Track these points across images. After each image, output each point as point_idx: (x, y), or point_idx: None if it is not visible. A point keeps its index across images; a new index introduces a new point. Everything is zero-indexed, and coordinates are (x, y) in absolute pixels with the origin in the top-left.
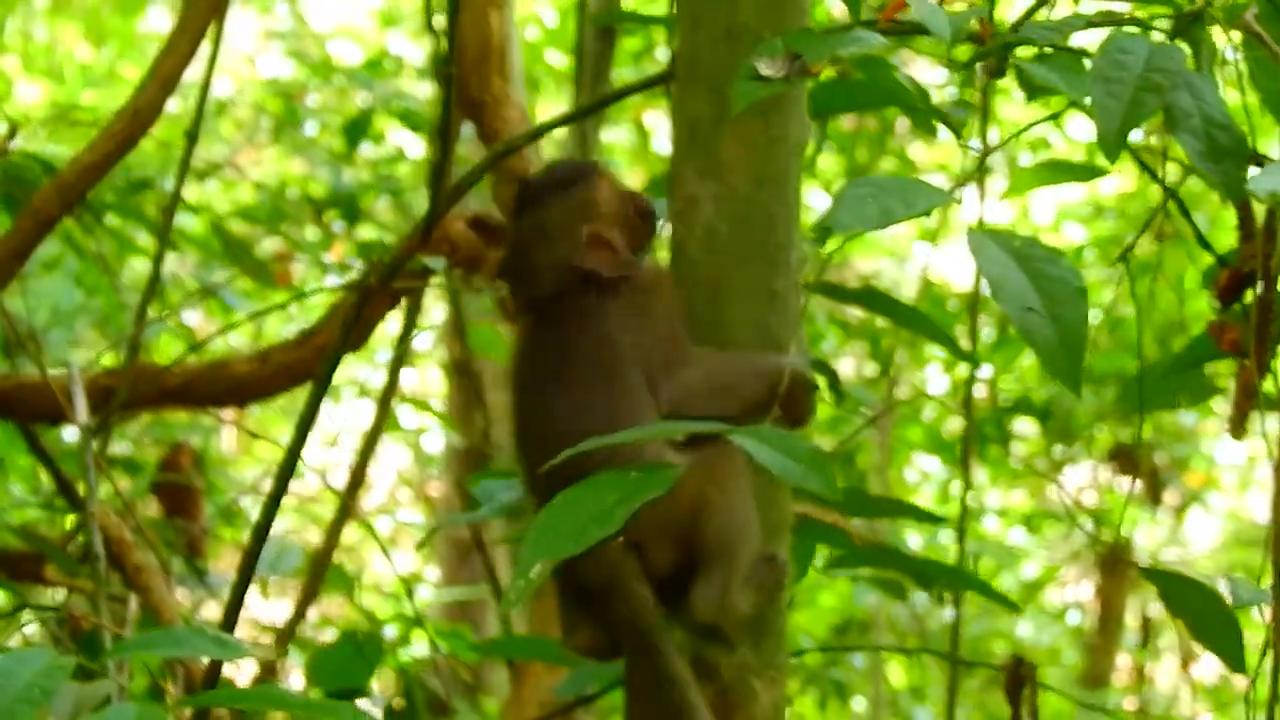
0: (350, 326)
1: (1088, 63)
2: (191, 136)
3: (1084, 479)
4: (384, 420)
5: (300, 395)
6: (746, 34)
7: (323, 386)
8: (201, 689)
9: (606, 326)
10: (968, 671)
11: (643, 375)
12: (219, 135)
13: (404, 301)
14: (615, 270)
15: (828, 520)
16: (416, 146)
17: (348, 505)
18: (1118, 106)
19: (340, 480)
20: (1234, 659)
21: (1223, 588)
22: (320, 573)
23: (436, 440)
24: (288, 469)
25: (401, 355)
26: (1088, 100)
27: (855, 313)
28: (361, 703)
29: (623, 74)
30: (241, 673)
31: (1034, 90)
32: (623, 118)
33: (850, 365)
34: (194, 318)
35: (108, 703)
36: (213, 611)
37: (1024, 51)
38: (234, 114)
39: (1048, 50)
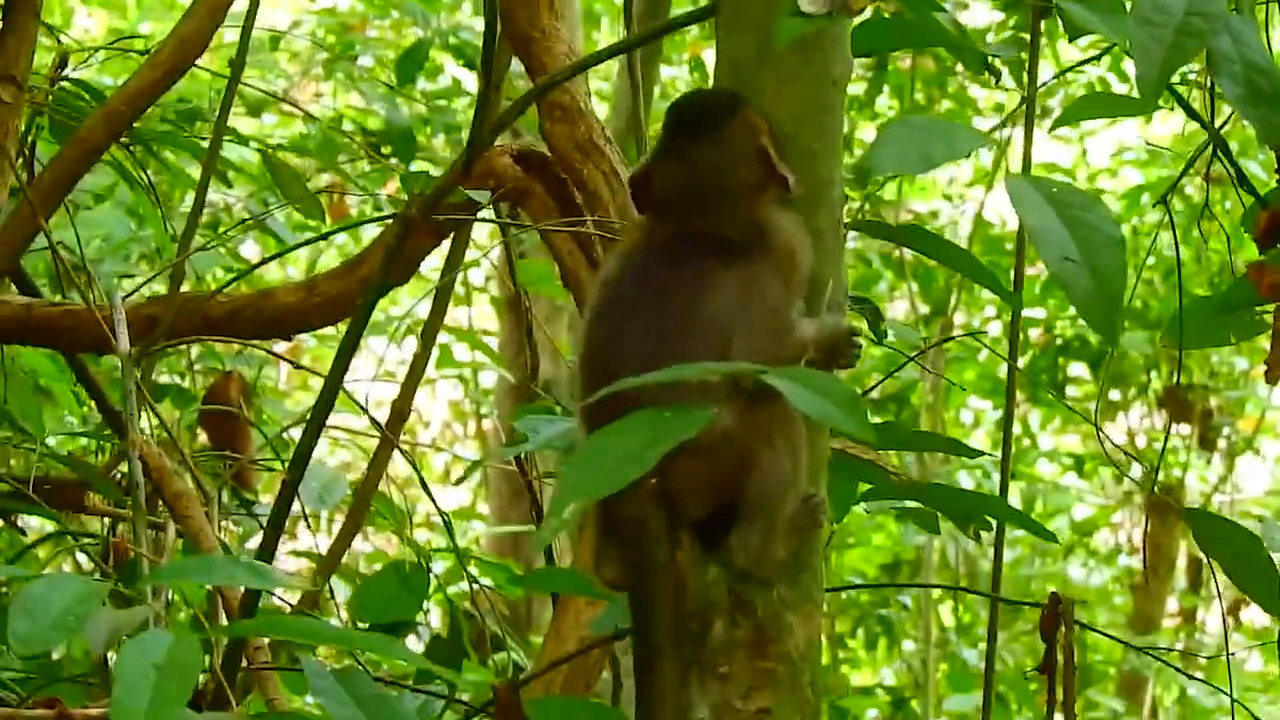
0: (391, 258)
1: (1130, 4)
2: (236, 65)
3: (1137, 423)
4: (429, 351)
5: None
6: None
7: (364, 317)
8: (238, 620)
9: (733, 278)
10: (1017, 613)
11: (730, 338)
12: (277, 69)
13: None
14: (792, 190)
15: (865, 457)
16: (472, 81)
17: (389, 436)
18: (1158, 50)
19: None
20: (1269, 602)
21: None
22: (364, 504)
23: (491, 376)
24: (326, 399)
25: (447, 288)
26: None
27: (911, 254)
28: (410, 638)
29: (683, 9)
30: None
31: (1076, 31)
32: (681, 55)
33: (904, 306)
34: (249, 251)
35: (144, 630)
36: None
37: None
38: (291, 46)
39: None
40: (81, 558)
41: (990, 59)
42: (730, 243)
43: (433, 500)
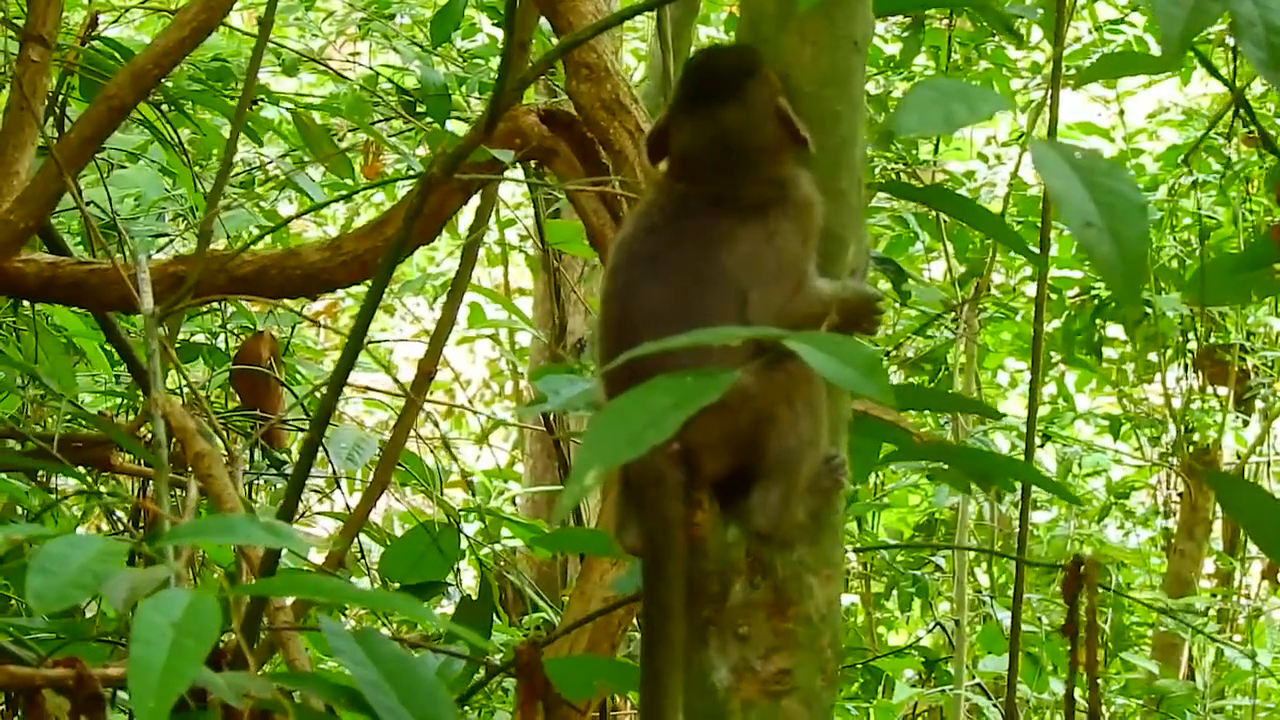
0: (414, 217)
1: None
2: (265, 23)
3: (1173, 384)
4: (456, 309)
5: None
6: None
7: (385, 274)
8: (258, 578)
9: (750, 233)
10: (1051, 574)
11: (745, 291)
12: (315, 28)
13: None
14: (810, 149)
15: (887, 418)
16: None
17: (413, 397)
18: (1180, 13)
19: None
20: None
21: None
22: (389, 464)
23: (527, 335)
24: (350, 355)
25: (474, 244)
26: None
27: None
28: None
29: None
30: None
31: None
32: (719, 13)
33: (940, 267)
34: (286, 210)
35: (164, 589)
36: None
37: None
38: (328, 5)
39: None
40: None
41: (1018, 21)
42: (748, 197)
43: (456, 461)
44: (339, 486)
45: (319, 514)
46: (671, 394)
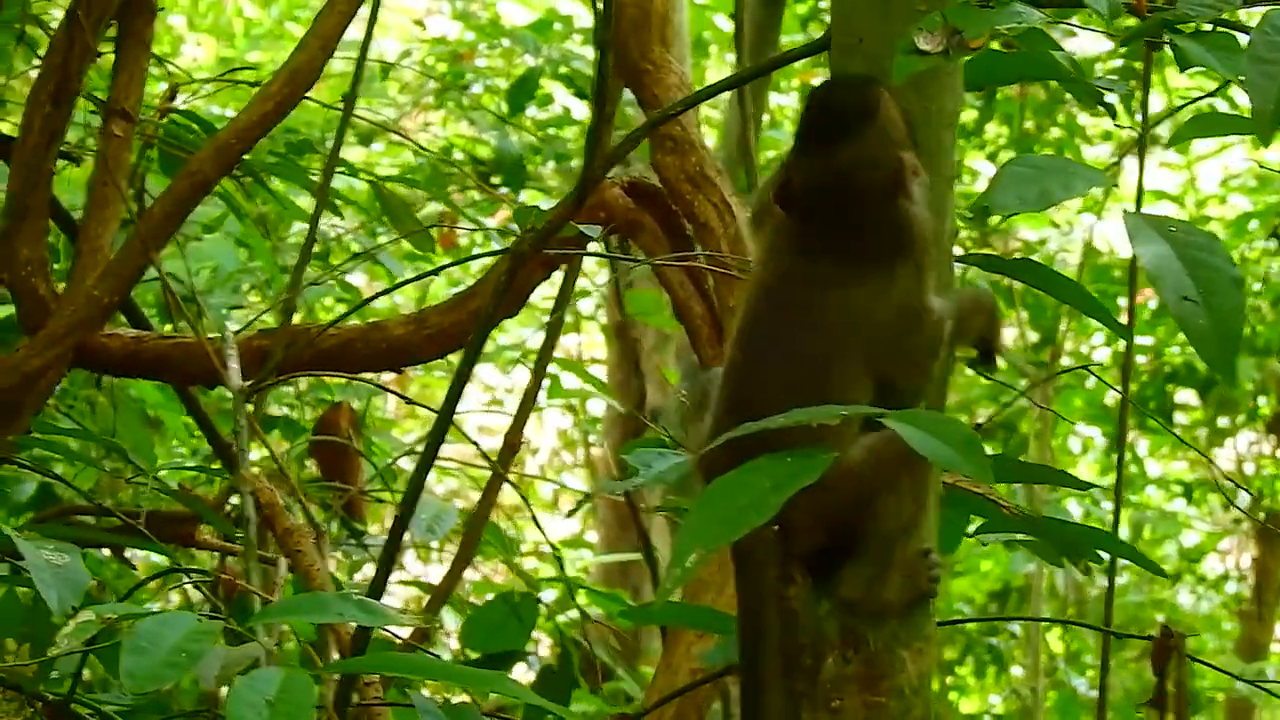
0: (502, 292)
1: (1244, 39)
2: (349, 98)
3: (1245, 449)
4: (539, 384)
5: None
6: (900, 1)
7: (475, 351)
8: (350, 655)
9: (875, 287)
10: (1124, 641)
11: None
12: (387, 97)
13: (563, 268)
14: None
15: (976, 490)
16: (583, 110)
17: (499, 468)
18: (1271, 87)
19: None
20: None
21: None
22: (475, 536)
23: (600, 404)
24: (439, 431)
25: (558, 321)
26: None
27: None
28: (519, 666)
29: (793, 39)
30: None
31: (1187, 63)
32: (791, 83)
33: (1013, 333)
34: (358, 281)
35: (255, 667)
36: (372, 574)
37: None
38: (401, 76)
39: (1204, 26)
40: (190, 591)
41: (1103, 94)
42: (870, 242)
43: (541, 531)
44: (416, 555)
45: (397, 582)
46: (772, 475)
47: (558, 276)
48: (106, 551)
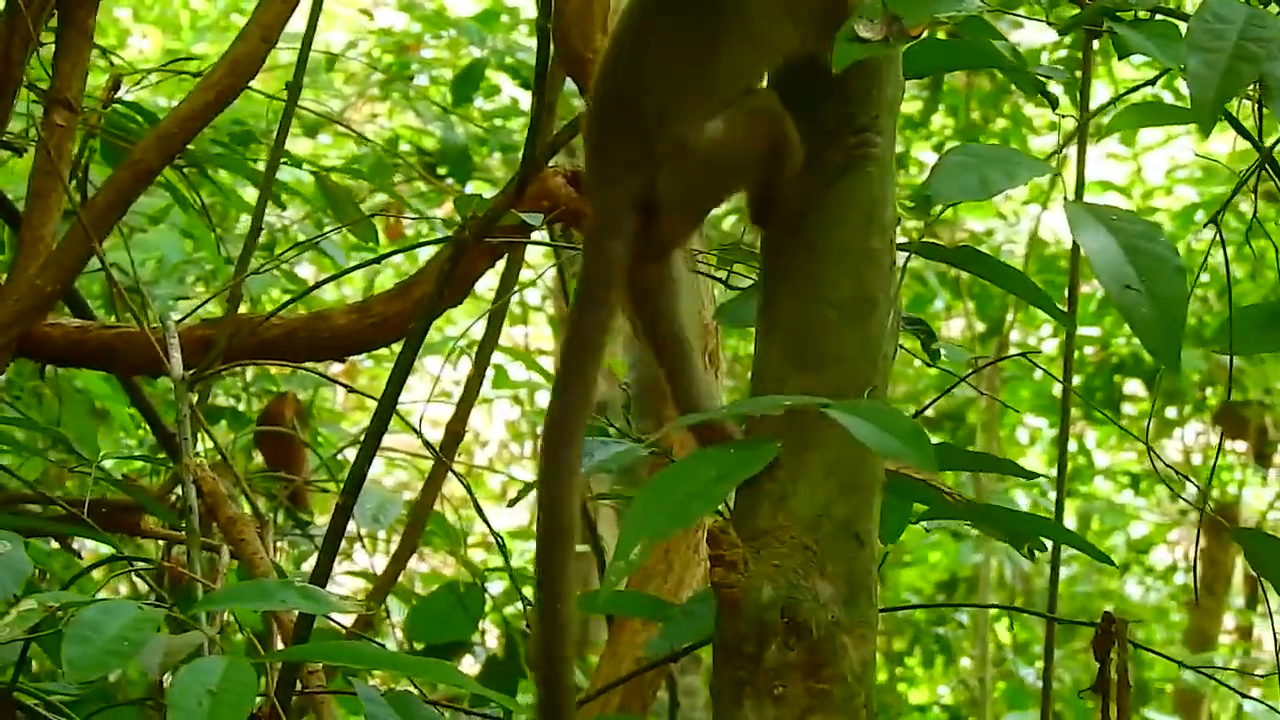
0: (444, 281)
1: (1184, 26)
2: (293, 88)
3: (1193, 440)
4: (483, 372)
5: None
6: None
7: (418, 339)
8: (292, 644)
9: None
10: (1072, 631)
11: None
12: (333, 89)
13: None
14: None
15: (919, 477)
16: (529, 101)
17: (443, 458)
18: (1212, 76)
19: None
20: None
21: None
22: (418, 526)
23: (547, 396)
24: (382, 419)
25: (501, 308)
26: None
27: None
28: (466, 657)
29: None
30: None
31: (1127, 50)
32: None
33: (960, 325)
34: (304, 271)
35: (198, 655)
36: None
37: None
38: (347, 67)
39: (1143, 15)
40: (136, 581)
41: (1045, 83)
42: None
43: (485, 521)
44: (362, 545)
45: (343, 573)
46: (715, 466)
47: (501, 264)
48: (56, 543)
